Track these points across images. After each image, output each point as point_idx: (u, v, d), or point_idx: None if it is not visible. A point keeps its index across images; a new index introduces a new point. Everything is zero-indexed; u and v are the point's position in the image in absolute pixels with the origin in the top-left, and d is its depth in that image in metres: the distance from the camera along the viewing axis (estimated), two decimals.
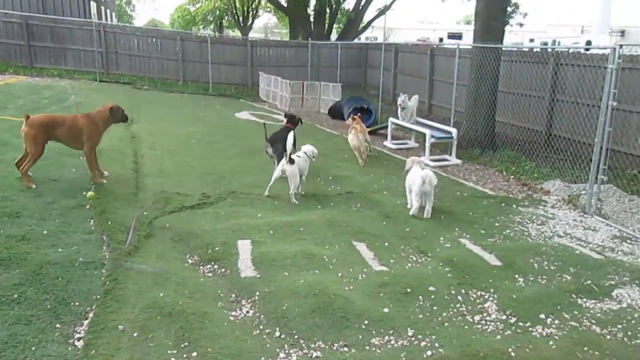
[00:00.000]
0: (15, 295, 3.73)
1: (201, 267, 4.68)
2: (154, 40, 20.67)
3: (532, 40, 38.01)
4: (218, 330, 3.56)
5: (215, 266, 4.69)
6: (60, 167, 6.40)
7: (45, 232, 4.84)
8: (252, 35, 44.58)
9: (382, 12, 26.05)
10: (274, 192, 6.95)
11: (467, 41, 28.54)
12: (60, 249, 4.52)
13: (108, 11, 34.52)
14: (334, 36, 25.89)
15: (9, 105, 11.03)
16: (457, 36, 49.36)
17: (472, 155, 10.06)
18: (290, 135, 6.66)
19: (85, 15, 24.33)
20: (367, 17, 25.31)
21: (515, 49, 13.99)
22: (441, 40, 47.37)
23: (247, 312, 3.92)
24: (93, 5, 26.97)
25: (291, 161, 6.53)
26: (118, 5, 50.06)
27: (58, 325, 3.46)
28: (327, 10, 23.50)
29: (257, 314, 3.88)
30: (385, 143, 11.30)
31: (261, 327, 3.72)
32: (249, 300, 4.08)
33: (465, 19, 71.13)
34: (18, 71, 18.15)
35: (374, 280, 4.49)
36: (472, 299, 4.29)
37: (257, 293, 4.15)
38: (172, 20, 57.95)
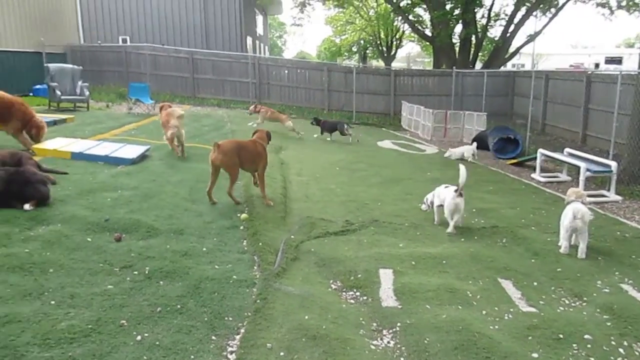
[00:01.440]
0: (178, 306, 4.09)
1: (344, 293, 4.79)
2: (302, 71, 21.84)
3: None
4: (359, 358, 3.61)
5: (357, 293, 4.77)
6: (218, 190, 6.98)
7: (204, 249, 5.29)
8: (395, 64, 45.07)
9: (531, 38, 24.91)
10: (416, 221, 6.94)
11: (629, 66, 26.25)
12: (216, 266, 4.91)
13: (262, 45, 37.14)
14: (478, 64, 25.27)
15: None
16: (617, 61, 45.54)
17: (636, 192, 9.16)
18: (463, 170, 6.63)
19: (242, 49, 26.43)
20: (514, 44, 24.38)
21: None
22: (597, 65, 44.03)
23: (388, 342, 3.93)
24: (249, 39, 29.20)
25: (461, 195, 6.51)
26: (270, 39, 53.58)
27: (214, 338, 3.72)
28: (473, 38, 23.05)
29: (399, 346, 3.87)
30: (533, 175, 10.73)
31: (402, 359, 3.70)
32: (390, 331, 4.09)
33: (625, 42, 65.52)
34: (183, 101, 20.18)
35: (521, 321, 4.26)
36: (637, 353, 3.88)
37: (399, 324, 4.14)
38: (319, 52, 60.68)
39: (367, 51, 48.62)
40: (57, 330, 3.48)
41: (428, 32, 26.20)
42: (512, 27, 22.29)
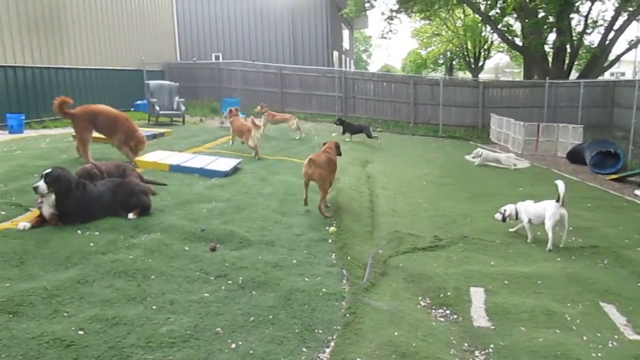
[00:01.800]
0: (270, 317, 4.16)
1: (433, 311, 4.71)
2: (387, 84, 21.83)
3: None
4: None
5: (447, 311, 4.68)
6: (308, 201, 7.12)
7: (294, 261, 5.37)
8: (482, 76, 43.90)
9: (634, 44, 23.38)
10: (508, 238, 6.71)
11: None
12: (306, 278, 4.97)
13: (347, 59, 37.48)
14: (573, 74, 24.00)
15: (265, 145, 12.60)
16: None
17: None
18: (561, 183, 6.41)
19: (329, 63, 26.81)
20: (614, 51, 22.93)
21: None
22: None
23: None
24: (335, 54, 29.58)
25: (563, 204, 6.36)
26: (355, 53, 53.94)
27: (304, 349, 3.75)
28: (568, 46, 21.94)
29: None
30: (637, 192, 10.04)
31: None
32: (483, 352, 3.96)
33: None
34: None
35: (627, 349, 3.99)
36: None
37: (492, 345, 4.01)
38: (404, 65, 60.33)
39: (454, 63, 47.72)
40: (158, 334, 3.67)
41: (518, 42, 25.32)
42: (611, 34, 21.02)
